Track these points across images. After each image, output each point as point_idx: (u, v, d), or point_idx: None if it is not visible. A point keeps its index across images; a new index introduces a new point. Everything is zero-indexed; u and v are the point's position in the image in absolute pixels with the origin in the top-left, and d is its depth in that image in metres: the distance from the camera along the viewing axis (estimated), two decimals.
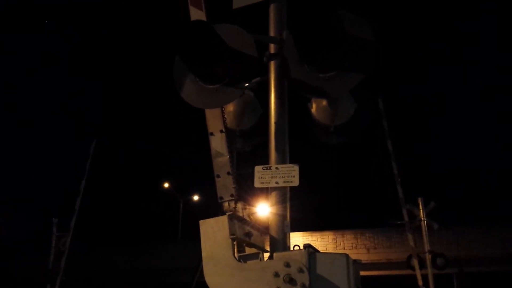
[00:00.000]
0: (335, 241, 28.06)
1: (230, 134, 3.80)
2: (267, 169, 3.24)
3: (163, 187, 39.11)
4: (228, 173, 3.55)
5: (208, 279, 2.83)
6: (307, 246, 2.74)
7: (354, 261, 2.82)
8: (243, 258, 3.41)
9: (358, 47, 3.14)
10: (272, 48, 3.53)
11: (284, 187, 3.22)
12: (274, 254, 2.81)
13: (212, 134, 3.67)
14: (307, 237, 26.96)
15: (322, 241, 27.71)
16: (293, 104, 3.66)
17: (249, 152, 4.45)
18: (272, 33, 3.56)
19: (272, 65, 3.51)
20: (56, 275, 14.65)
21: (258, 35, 3.39)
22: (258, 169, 3.24)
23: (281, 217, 3.19)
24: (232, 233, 2.86)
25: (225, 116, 3.72)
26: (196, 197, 39.87)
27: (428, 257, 14.38)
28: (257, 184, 3.22)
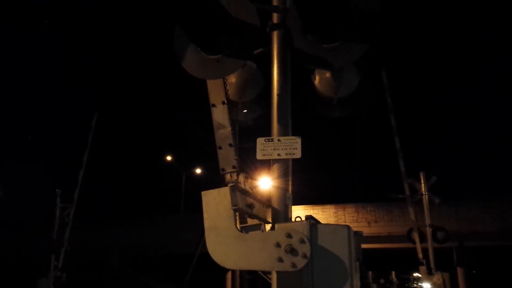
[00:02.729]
0: (336, 215, 28.30)
1: (232, 106, 3.77)
2: (269, 141, 3.22)
3: (166, 160, 39.24)
4: (230, 145, 3.53)
5: (210, 249, 2.85)
6: (309, 218, 2.75)
7: (356, 232, 2.83)
8: (245, 229, 3.44)
9: (363, 17, 3.08)
10: (275, 17, 3.46)
11: (286, 160, 3.21)
12: (276, 225, 2.81)
13: (214, 105, 3.64)
14: (309, 210, 27.19)
15: (323, 215, 27.95)
16: (296, 76, 3.61)
17: (251, 126, 4.42)
18: (275, 1, 3.48)
19: (275, 35, 3.44)
20: (61, 246, 14.86)
21: (261, 4, 3.31)
22: (260, 141, 3.22)
23: (283, 189, 3.18)
24: (234, 204, 2.86)
25: (227, 88, 3.68)
26: (198, 170, 40.03)
27: (428, 230, 14.52)
28: (259, 156, 3.21)
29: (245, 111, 4.15)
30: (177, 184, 39.08)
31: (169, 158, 38.82)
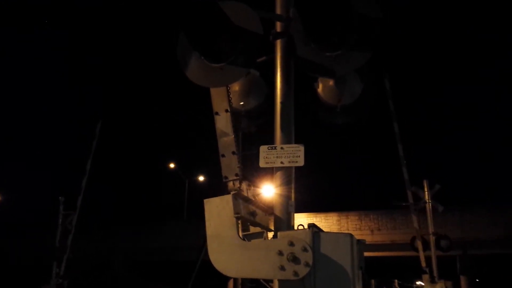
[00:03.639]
0: (339, 222, 28.22)
1: (235, 114, 3.77)
2: (272, 149, 3.22)
3: (169, 167, 39.26)
4: (233, 153, 3.53)
5: (212, 257, 2.84)
6: (311, 226, 2.74)
7: (358, 241, 2.82)
8: (248, 237, 3.43)
9: (365, 25, 3.09)
10: (278, 26, 3.48)
11: (289, 167, 3.21)
12: (278, 233, 2.81)
13: (217, 113, 3.64)
14: (312, 218, 27.13)
15: (326, 222, 27.87)
16: (299, 83, 3.62)
17: (254, 133, 4.42)
18: (278, 10, 3.50)
19: (278, 43, 3.46)
20: (63, 253, 14.83)
21: (264, 13, 3.32)
22: (263, 149, 3.22)
23: (286, 197, 3.18)
24: (236, 212, 2.86)
25: (230, 96, 3.69)
26: (201, 178, 40.05)
27: (432, 238, 14.45)
28: (262, 164, 3.21)
29: (245, 119, 4.15)
30: (180, 189, 39.09)
31: (172, 165, 38.84)
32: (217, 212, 2.90)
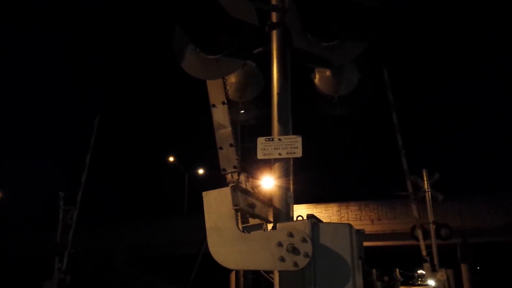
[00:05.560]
0: (340, 213, 28.26)
1: (232, 106, 3.75)
2: (269, 140, 3.22)
3: (169, 162, 39.27)
4: (231, 145, 3.52)
5: (212, 250, 2.84)
6: (310, 217, 2.74)
7: (357, 230, 2.83)
8: (247, 229, 3.43)
9: (362, 14, 3.07)
10: (274, 16, 3.46)
11: (288, 159, 3.20)
12: (278, 224, 2.81)
13: (214, 106, 3.62)
14: (312, 209, 27.17)
15: (326, 213, 27.93)
16: (296, 74, 3.60)
17: (253, 125, 4.41)
18: (274, 1, 3.48)
19: (274, 34, 3.44)
20: (64, 248, 14.87)
21: (260, 3, 3.30)
22: (260, 140, 3.21)
23: (285, 188, 3.18)
24: (235, 204, 2.85)
25: (227, 88, 3.67)
26: (201, 171, 40.06)
27: (432, 227, 14.50)
28: (260, 155, 3.20)
29: (242, 111, 4.14)
30: (181, 184, 39.13)
31: (171, 159, 38.84)
32: (216, 204, 2.89)
